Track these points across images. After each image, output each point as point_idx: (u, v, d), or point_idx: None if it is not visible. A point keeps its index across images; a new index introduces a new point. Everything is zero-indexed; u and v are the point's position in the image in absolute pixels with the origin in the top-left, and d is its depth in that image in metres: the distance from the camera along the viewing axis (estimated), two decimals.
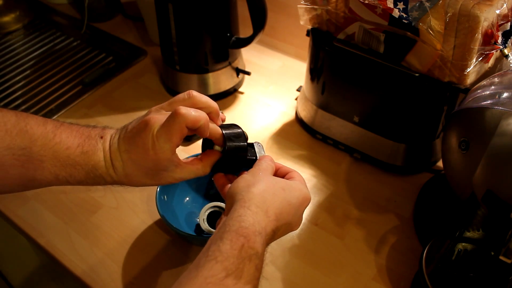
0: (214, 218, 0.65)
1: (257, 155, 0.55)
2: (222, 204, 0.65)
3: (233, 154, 0.53)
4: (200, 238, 0.63)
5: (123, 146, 0.49)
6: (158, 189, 0.63)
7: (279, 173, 0.52)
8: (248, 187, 0.46)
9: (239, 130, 0.56)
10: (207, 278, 0.38)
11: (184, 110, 0.47)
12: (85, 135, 0.50)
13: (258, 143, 0.58)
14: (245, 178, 0.48)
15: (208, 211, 0.64)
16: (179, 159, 0.51)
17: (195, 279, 0.38)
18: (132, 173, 0.50)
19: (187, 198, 0.69)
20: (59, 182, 0.49)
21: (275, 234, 0.45)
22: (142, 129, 0.48)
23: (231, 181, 0.53)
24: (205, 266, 0.39)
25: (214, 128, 0.53)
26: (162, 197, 0.63)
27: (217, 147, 0.55)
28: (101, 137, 0.50)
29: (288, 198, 0.47)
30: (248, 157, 0.55)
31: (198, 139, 0.83)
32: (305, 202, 0.49)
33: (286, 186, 0.48)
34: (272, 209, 0.45)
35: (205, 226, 0.63)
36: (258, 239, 0.41)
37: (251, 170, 0.50)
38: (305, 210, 0.70)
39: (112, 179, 0.50)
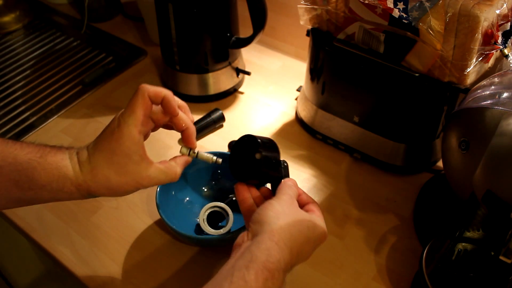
0: (214, 218, 0.65)
1: (283, 174, 0.55)
2: (222, 204, 0.65)
3: (266, 163, 0.53)
4: (200, 238, 0.63)
5: (91, 144, 0.50)
6: (158, 189, 0.63)
7: (300, 201, 0.52)
8: (277, 218, 0.46)
9: (273, 142, 0.56)
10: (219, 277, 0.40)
11: (145, 84, 0.49)
12: (46, 145, 0.50)
13: (285, 161, 0.57)
14: (274, 206, 0.48)
15: (208, 211, 0.64)
16: (145, 153, 0.50)
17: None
18: (97, 164, 0.48)
19: (187, 198, 0.69)
20: (20, 191, 0.47)
21: (292, 268, 0.46)
22: (110, 124, 0.49)
23: (252, 195, 0.53)
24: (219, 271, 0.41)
25: (184, 117, 0.53)
26: (161, 197, 0.63)
27: (184, 149, 0.55)
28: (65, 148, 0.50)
29: (311, 237, 0.48)
30: (276, 174, 0.55)
31: (198, 139, 0.83)
32: (323, 240, 0.50)
33: (311, 224, 0.48)
34: (296, 247, 0.46)
35: (205, 226, 0.63)
36: (281, 276, 0.43)
37: (278, 196, 0.50)
38: None
39: (77, 178, 0.48)
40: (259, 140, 0.54)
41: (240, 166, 0.55)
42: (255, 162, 0.53)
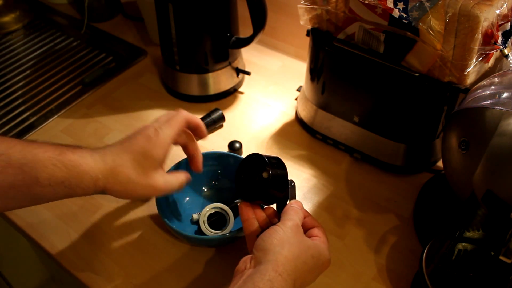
0: (214, 219, 0.65)
1: (289, 195, 0.55)
2: (223, 205, 0.65)
3: (273, 183, 0.53)
4: (200, 238, 0.63)
5: (116, 144, 0.53)
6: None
7: (304, 225, 0.52)
8: (281, 247, 0.46)
9: (281, 161, 0.56)
10: None
11: (184, 111, 0.57)
12: (64, 144, 0.52)
13: (292, 181, 0.56)
14: (279, 233, 0.48)
15: (209, 213, 0.64)
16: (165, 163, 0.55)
17: None
18: (123, 163, 0.51)
19: (187, 198, 0.69)
20: (39, 188, 0.48)
21: None
22: (143, 130, 0.53)
23: (256, 216, 0.54)
24: None
25: (197, 145, 0.61)
26: (161, 197, 0.63)
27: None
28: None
29: (314, 266, 0.48)
30: (283, 195, 0.54)
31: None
32: (326, 267, 0.50)
33: (315, 254, 0.49)
34: (300, 279, 0.46)
35: (205, 227, 0.63)
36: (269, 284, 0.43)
37: (284, 221, 0.50)
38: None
39: (96, 175, 0.50)
40: (267, 159, 0.54)
41: (246, 186, 0.55)
42: (263, 181, 0.53)
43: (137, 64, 1.00)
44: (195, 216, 0.66)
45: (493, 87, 0.52)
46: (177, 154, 0.79)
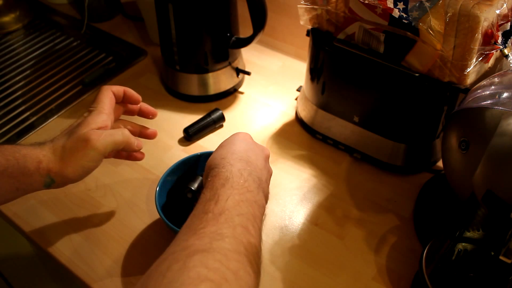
0: None
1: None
2: None
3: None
4: None
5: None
6: (157, 189, 0.63)
7: None
8: (211, 160, 0.53)
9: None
10: (194, 215, 0.44)
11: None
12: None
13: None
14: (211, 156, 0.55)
15: None
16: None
17: (185, 224, 0.44)
18: (59, 141, 0.54)
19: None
20: (16, 182, 0.51)
21: (249, 168, 0.51)
22: (80, 148, 0.54)
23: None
24: (192, 213, 0.45)
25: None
26: (161, 196, 0.63)
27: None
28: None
29: (238, 145, 0.55)
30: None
31: (198, 139, 0.83)
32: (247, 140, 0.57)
33: (231, 140, 0.56)
34: (230, 156, 0.52)
35: None
36: (225, 174, 0.48)
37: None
38: (305, 210, 0.70)
39: (38, 157, 0.52)
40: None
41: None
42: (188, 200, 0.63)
43: (137, 64, 1.00)
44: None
45: (493, 87, 0.52)
46: (177, 155, 0.79)
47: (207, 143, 0.82)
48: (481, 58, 0.59)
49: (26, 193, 0.54)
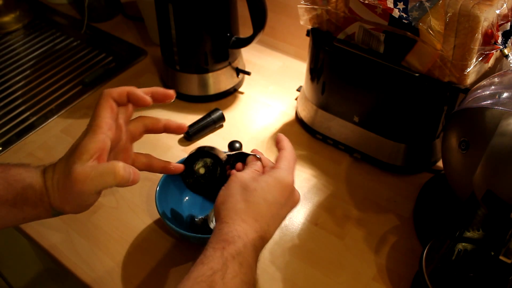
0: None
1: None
2: None
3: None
4: (199, 237, 0.63)
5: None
6: (157, 189, 0.63)
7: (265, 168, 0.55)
8: (223, 203, 0.50)
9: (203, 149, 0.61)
10: (197, 278, 0.43)
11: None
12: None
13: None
14: (220, 194, 0.51)
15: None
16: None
17: (187, 281, 0.43)
18: (60, 169, 0.47)
19: (187, 198, 0.69)
20: None
21: (263, 232, 0.48)
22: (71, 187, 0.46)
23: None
24: (194, 269, 0.44)
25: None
26: (161, 197, 0.63)
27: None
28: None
29: (261, 199, 0.49)
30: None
31: (198, 139, 0.83)
32: (285, 190, 0.51)
33: (256, 190, 0.50)
34: (246, 215, 0.48)
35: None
36: (238, 241, 0.45)
37: (227, 183, 0.52)
38: (305, 210, 0.70)
39: (41, 188, 0.47)
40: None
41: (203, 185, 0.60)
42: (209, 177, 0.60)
43: (137, 64, 1.00)
44: (200, 218, 0.67)
45: (493, 87, 0.52)
46: (177, 155, 0.79)
47: (207, 143, 0.82)
48: (481, 58, 0.59)
49: (36, 219, 0.50)
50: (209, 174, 0.60)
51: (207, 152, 0.60)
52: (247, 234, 0.46)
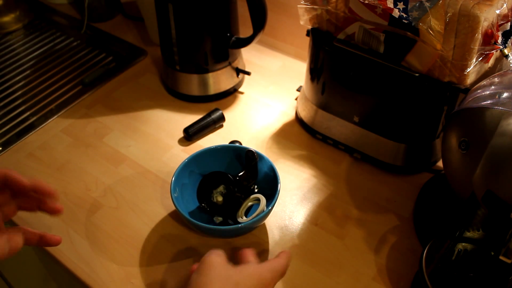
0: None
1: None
2: (260, 196, 0.66)
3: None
4: (221, 230, 0.63)
5: None
6: (172, 184, 0.64)
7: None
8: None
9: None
10: None
11: None
12: None
13: (251, 153, 0.66)
14: (193, 278, 0.47)
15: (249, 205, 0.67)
16: None
17: None
18: None
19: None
20: None
21: None
22: None
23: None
24: None
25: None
26: (175, 191, 0.64)
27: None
28: None
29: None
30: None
31: (198, 139, 0.83)
32: (260, 282, 0.48)
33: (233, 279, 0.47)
34: None
35: (243, 219, 0.65)
36: None
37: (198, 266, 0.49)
38: (305, 210, 0.70)
39: None
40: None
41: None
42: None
43: (137, 64, 1.00)
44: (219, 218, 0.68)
45: (493, 87, 0.52)
46: (177, 155, 0.79)
47: (207, 143, 0.82)
48: (481, 58, 0.59)
49: None
50: (227, 199, 0.65)
51: (218, 177, 0.65)
52: None
